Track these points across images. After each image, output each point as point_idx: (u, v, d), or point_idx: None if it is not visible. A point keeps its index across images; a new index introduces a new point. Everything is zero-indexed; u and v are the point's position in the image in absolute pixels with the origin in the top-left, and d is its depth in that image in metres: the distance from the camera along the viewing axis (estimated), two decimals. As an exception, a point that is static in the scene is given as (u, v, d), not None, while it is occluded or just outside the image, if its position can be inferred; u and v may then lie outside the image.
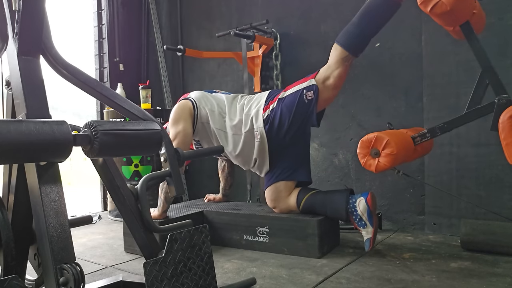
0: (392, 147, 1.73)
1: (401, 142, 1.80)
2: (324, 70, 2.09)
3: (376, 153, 1.76)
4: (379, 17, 1.96)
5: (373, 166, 1.78)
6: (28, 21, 1.16)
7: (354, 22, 1.99)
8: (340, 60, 2.02)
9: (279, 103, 2.15)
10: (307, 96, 2.08)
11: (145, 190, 1.28)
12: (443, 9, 1.64)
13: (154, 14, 3.84)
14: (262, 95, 2.29)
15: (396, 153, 1.72)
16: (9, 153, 0.94)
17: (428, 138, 1.85)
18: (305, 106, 2.09)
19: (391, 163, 1.75)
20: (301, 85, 2.13)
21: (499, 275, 1.73)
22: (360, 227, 2.02)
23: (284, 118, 2.13)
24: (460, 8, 1.67)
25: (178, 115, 2.26)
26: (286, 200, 2.21)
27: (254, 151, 2.24)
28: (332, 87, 2.07)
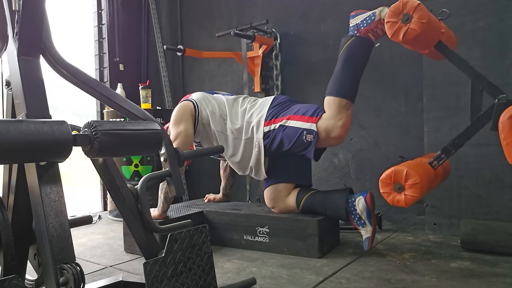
0: (413, 176, 1.67)
1: (420, 169, 1.74)
2: (326, 120, 2.02)
3: (400, 187, 1.70)
4: (361, 58, 2.01)
5: (402, 201, 1.71)
6: (28, 21, 1.16)
7: (339, 71, 2.00)
8: (341, 109, 1.99)
9: (280, 129, 2.11)
10: (306, 137, 2.05)
11: (145, 190, 1.28)
12: (414, 34, 1.68)
13: (154, 14, 3.84)
14: (265, 103, 2.25)
15: (419, 181, 1.66)
16: (9, 153, 0.94)
17: (444, 159, 1.81)
18: (304, 145, 2.07)
19: (418, 193, 1.68)
20: (303, 124, 2.06)
21: (499, 275, 1.73)
22: (359, 226, 2.02)
23: (283, 144, 2.12)
24: (429, 29, 1.71)
25: (179, 116, 2.27)
26: (285, 200, 2.22)
27: (250, 160, 2.24)
28: (337, 137, 2.04)
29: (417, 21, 1.66)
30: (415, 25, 1.66)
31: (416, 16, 1.66)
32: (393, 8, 1.73)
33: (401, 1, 1.71)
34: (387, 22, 1.75)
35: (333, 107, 2.00)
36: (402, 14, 1.69)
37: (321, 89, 2.24)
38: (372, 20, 1.92)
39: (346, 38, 2.00)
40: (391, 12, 1.73)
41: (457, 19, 2.36)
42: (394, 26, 1.72)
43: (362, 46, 1.98)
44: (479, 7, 2.30)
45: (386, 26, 1.76)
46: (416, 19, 1.66)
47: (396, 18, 1.71)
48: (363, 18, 1.96)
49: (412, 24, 1.67)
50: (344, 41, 2.01)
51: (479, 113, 1.74)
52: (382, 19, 1.88)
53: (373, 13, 1.93)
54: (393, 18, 1.72)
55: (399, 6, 1.71)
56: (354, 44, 1.98)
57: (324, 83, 2.12)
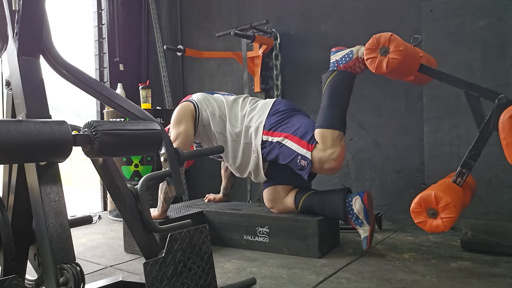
0: (443, 197, 1.62)
1: (447, 189, 1.71)
2: (320, 153, 2.01)
3: (433, 212, 1.65)
4: (345, 91, 2.05)
5: (440, 225, 1.64)
6: (28, 21, 1.16)
7: (326, 105, 2.04)
8: (335, 140, 2.01)
9: (277, 146, 2.12)
10: (300, 162, 2.06)
11: (145, 190, 1.28)
12: (396, 63, 1.74)
13: (154, 14, 3.84)
14: (265, 108, 2.24)
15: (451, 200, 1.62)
16: (9, 153, 0.94)
17: (466, 173, 1.79)
18: (298, 167, 2.08)
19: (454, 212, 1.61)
20: (299, 148, 2.06)
21: (499, 275, 1.73)
22: (357, 226, 2.02)
23: (279, 160, 2.14)
24: (408, 55, 1.77)
25: (180, 117, 2.27)
26: (284, 201, 2.22)
27: (249, 164, 2.25)
28: (332, 169, 2.05)
29: (395, 50, 1.73)
30: (394, 54, 1.73)
31: (393, 46, 1.74)
32: (369, 46, 1.81)
33: (374, 37, 1.79)
34: (367, 60, 1.82)
35: (327, 139, 2.01)
36: (378, 48, 1.77)
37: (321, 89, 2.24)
38: (350, 58, 1.98)
39: (328, 73, 2.05)
40: (368, 50, 1.81)
41: (457, 19, 2.37)
42: (375, 61, 1.79)
43: (344, 79, 2.03)
44: (479, 7, 2.30)
45: (367, 62, 1.83)
46: (394, 48, 1.74)
47: (375, 53, 1.79)
48: (342, 55, 2.01)
49: (391, 54, 1.74)
50: (326, 76, 2.05)
51: (484, 120, 1.73)
52: (360, 57, 1.95)
53: (350, 51, 1.99)
54: (372, 54, 1.80)
55: (374, 42, 1.79)
56: (336, 78, 2.02)
57: (324, 83, 2.11)
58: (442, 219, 1.64)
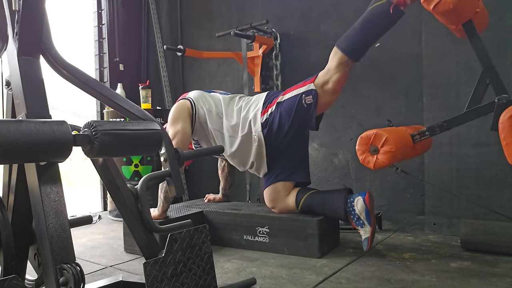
0: (390, 144, 1.72)
1: (400, 139, 1.79)
2: (323, 75, 2.07)
3: (374, 150, 1.75)
4: (382, 24, 1.93)
5: (372, 163, 1.78)
6: (28, 21, 1.16)
7: (356, 28, 1.95)
8: (340, 65, 1.99)
9: (278, 107, 2.14)
10: (306, 100, 2.07)
11: (145, 190, 1.28)
12: (446, 8, 1.64)
13: (154, 14, 3.84)
14: (260, 98, 2.28)
15: (394, 150, 1.72)
16: (9, 153, 0.94)
17: (427, 136, 1.84)
18: (304, 110, 2.08)
19: (389, 160, 1.74)
20: (300, 89, 2.11)
21: (499, 275, 1.73)
22: (358, 227, 2.02)
23: (283, 122, 2.12)
24: (463, 6, 1.66)
25: (176, 115, 2.27)
26: (285, 200, 2.22)
27: (251, 155, 2.24)
28: (331, 91, 2.06)
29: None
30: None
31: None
32: None
33: None
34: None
35: (334, 60, 2.01)
36: None
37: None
38: None
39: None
40: None
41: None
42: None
43: (389, 12, 1.85)
44: (479, 7, 2.30)
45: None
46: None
47: None
48: None
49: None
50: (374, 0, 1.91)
51: (477, 105, 1.74)
52: None
53: None
54: None
55: None
56: (381, 8, 1.87)
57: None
58: (377, 160, 1.75)
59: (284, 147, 2.19)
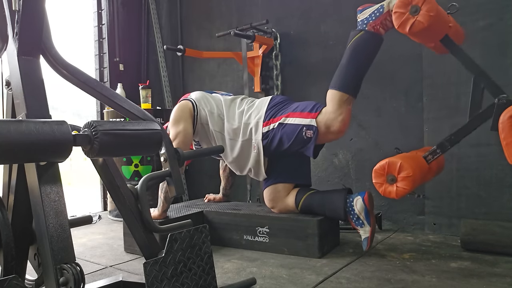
0: (407, 169, 1.67)
1: (414, 163, 1.74)
2: (326, 115, 2.01)
3: (392, 179, 1.70)
4: (368, 54, 1.97)
5: (393, 192, 1.71)
6: (28, 21, 1.16)
7: (344, 65, 1.97)
8: (342, 104, 1.97)
9: (279, 128, 2.11)
10: (306, 133, 2.04)
11: (145, 190, 1.28)
12: (420, 27, 1.66)
13: (154, 14, 3.84)
14: (263, 104, 2.25)
15: (412, 174, 1.66)
16: (9, 153, 0.94)
17: (439, 154, 1.80)
18: (304, 141, 2.06)
19: (410, 186, 1.68)
20: (302, 120, 2.06)
21: (499, 275, 1.73)
22: (358, 227, 2.02)
23: (283, 143, 2.11)
24: (436, 23, 1.69)
25: (178, 116, 2.27)
26: (285, 200, 2.22)
27: (249, 161, 2.24)
28: (337, 132, 2.02)
29: (425, 13, 1.64)
30: (423, 17, 1.64)
31: (425, 9, 1.64)
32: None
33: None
34: (395, 12, 1.73)
35: (335, 101, 1.99)
36: (410, 5, 1.67)
37: (321, 89, 2.24)
38: (381, 13, 1.89)
39: (355, 32, 1.96)
40: (400, 2, 1.71)
41: (457, 19, 2.36)
42: (402, 17, 1.70)
43: (371, 41, 1.94)
44: (479, 7, 2.30)
45: (394, 16, 1.73)
46: (425, 11, 1.64)
47: (405, 9, 1.69)
48: (371, 12, 1.92)
49: (419, 17, 1.65)
50: (352, 34, 1.97)
51: (479, 111, 1.73)
52: (390, 11, 1.84)
53: (381, 5, 1.90)
54: (401, 9, 1.70)
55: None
56: (362, 39, 1.94)
57: (324, 83, 2.12)
58: (397, 188, 1.70)
59: (282, 159, 2.19)
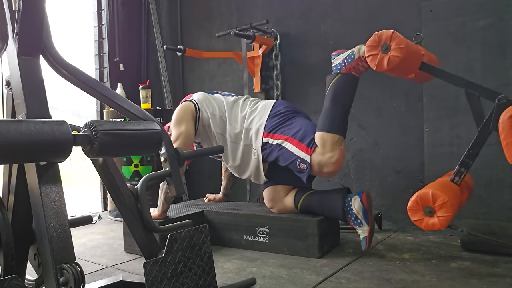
0: (440, 196, 1.63)
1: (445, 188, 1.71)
2: (319, 156, 2.02)
3: (430, 211, 1.66)
4: (348, 95, 2.04)
5: (437, 224, 1.65)
6: (28, 21, 1.16)
7: (328, 108, 2.03)
8: (333, 145, 2.00)
9: (277, 147, 2.12)
10: (300, 165, 2.06)
11: (145, 190, 1.28)
12: (397, 60, 1.72)
13: (154, 14, 3.84)
14: (265, 109, 2.24)
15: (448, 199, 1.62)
16: (9, 153, 0.94)
17: (464, 172, 1.80)
18: (298, 169, 2.08)
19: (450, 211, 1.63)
20: (298, 152, 2.06)
21: (499, 275, 1.73)
22: (356, 226, 2.02)
23: (279, 161, 2.13)
24: (410, 53, 1.75)
25: (180, 117, 2.27)
26: (284, 201, 2.22)
27: (249, 166, 2.25)
28: (330, 172, 2.05)
29: (396, 47, 1.72)
30: (396, 51, 1.72)
31: (394, 43, 1.72)
32: (370, 42, 1.79)
33: (376, 34, 1.77)
34: (368, 57, 1.80)
35: (327, 144, 2.01)
36: (380, 45, 1.75)
37: (320, 89, 2.24)
38: (352, 59, 1.97)
39: (332, 76, 2.04)
40: (369, 47, 1.79)
41: (457, 19, 2.37)
42: (376, 58, 1.77)
43: (348, 82, 2.02)
44: (479, 7, 2.30)
45: (368, 60, 1.81)
46: (395, 46, 1.72)
47: (376, 51, 1.77)
48: (344, 57, 2.00)
49: (392, 52, 1.73)
50: (329, 79, 2.04)
51: (484, 119, 1.73)
52: (362, 57, 1.94)
53: (352, 52, 1.98)
54: (373, 51, 1.78)
55: (375, 39, 1.77)
56: (339, 81, 2.01)
57: (323, 83, 2.11)
58: (439, 218, 1.65)
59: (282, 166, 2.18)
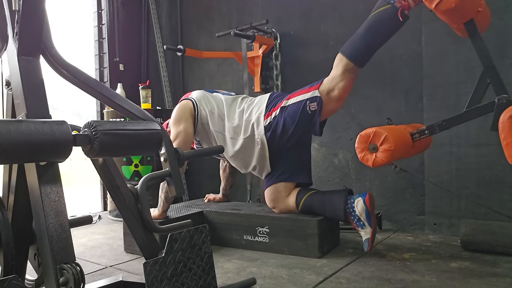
0: (390, 142, 1.71)
1: (399, 138, 1.78)
2: (328, 81, 2.04)
3: (374, 148, 1.74)
4: (387, 30, 1.92)
5: (370, 161, 1.77)
6: (28, 21, 1.16)
7: (360, 33, 1.94)
8: (345, 71, 1.98)
9: (282, 111, 2.12)
10: (310, 107, 2.05)
11: (145, 190, 1.28)
12: (448, 6, 1.64)
13: (154, 14, 3.84)
14: (263, 100, 2.26)
15: (393, 149, 1.71)
16: (9, 153, 0.94)
17: (426, 135, 1.84)
18: (309, 117, 2.07)
19: (388, 159, 1.74)
20: (305, 95, 2.09)
21: (499, 275, 1.73)
22: (359, 228, 2.02)
23: (287, 127, 2.11)
24: (465, 5, 1.66)
25: (179, 115, 2.27)
26: (285, 201, 2.22)
27: (253, 158, 2.24)
28: (337, 99, 2.04)
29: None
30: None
31: None
32: None
33: None
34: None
35: (339, 67, 1.99)
36: None
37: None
38: None
39: (381, 2, 1.87)
40: None
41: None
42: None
43: (393, 19, 1.85)
44: (479, 7, 2.30)
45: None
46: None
47: None
48: None
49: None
50: (378, 4, 1.89)
51: (477, 105, 1.74)
52: None
53: None
54: None
55: None
56: (386, 13, 1.86)
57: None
58: (376, 158, 1.74)
59: (286, 150, 2.19)
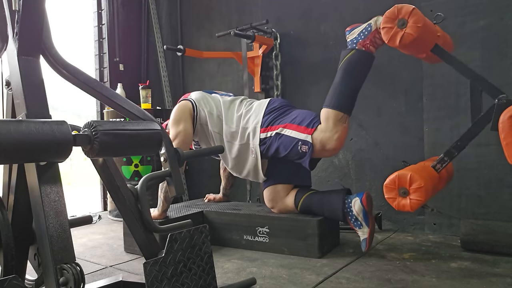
0: (417, 180, 1.66)
1: (424, 173, 1.73)
2: (321, 133, 2.01)
3: (404, 192, 1.69)
4: (361, 72, 2.00)
5: (407, 205, 1.69)
6: (28, 21, 1.16)
7: (337, 83, 2.00)
8: (336, 122, 1.99)
9: (276, 137, 2.11)
10: (302, 148, 2.05)
11: (145, 190, 1.28)
12: (410, 38, 1.69)
13: (154, 14, 3.84)
14: (260, 108, 2.24)
15: (424, 185, 1.66)
16: (9, 153, 0.94)
17: (447, 161, 1.80)
18: (299, 154, 2.07)
19: (423, 197, 1.67)
20: (299, 134, 2.06)
21: (499, 275, 1.73)
22: (356, 228, 2.02)
23: (279, 152, 2.12)
24: (425, 33, 1.71)
25: (178, 116, 2.27)
26: (284, 201, 2.22)
27: (247, 164, 2.25)
28: (332, 150, 2.04)
29: (413, 25, 1.67)
30: (411, 29, 1.68)
31: (412, 21, 1.68)
32: (388, 14, 1.74)
33: (396, 7, 1.73)
34: (383, 28, 1.77)
35: (330, 120, 2.00)
36: (397, 19, 1.71)
37: (321, 89, 2.24)
38: (369, 31, 1.94)
39: (346, 51, 2.00)
40: (386, 18, 1.75)
41: (457, 19, 2.37)
42: (390, 31, 1.74)
43: (362, 59, 1.98)
44: (479, 7, 2.30)
45: (382, 32, 1.77)
46: (412, 23, 1.68)
47: (392, 24, 1.73)
48: (360, 31, 1.97)
49: (408, 29, 1.69)
50: (343, 54, 2.01)
51: (480, 114, 1.73)
52: (378, 28, 1.89)
53: (368, 24, 1.95)
54: (389, 24, 1.74)
55: (394, 12, 1.73)
56: (354, 57, 1.97)
57: (324, 83, 2.12)
58: (411, 200, 1.68)
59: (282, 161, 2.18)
